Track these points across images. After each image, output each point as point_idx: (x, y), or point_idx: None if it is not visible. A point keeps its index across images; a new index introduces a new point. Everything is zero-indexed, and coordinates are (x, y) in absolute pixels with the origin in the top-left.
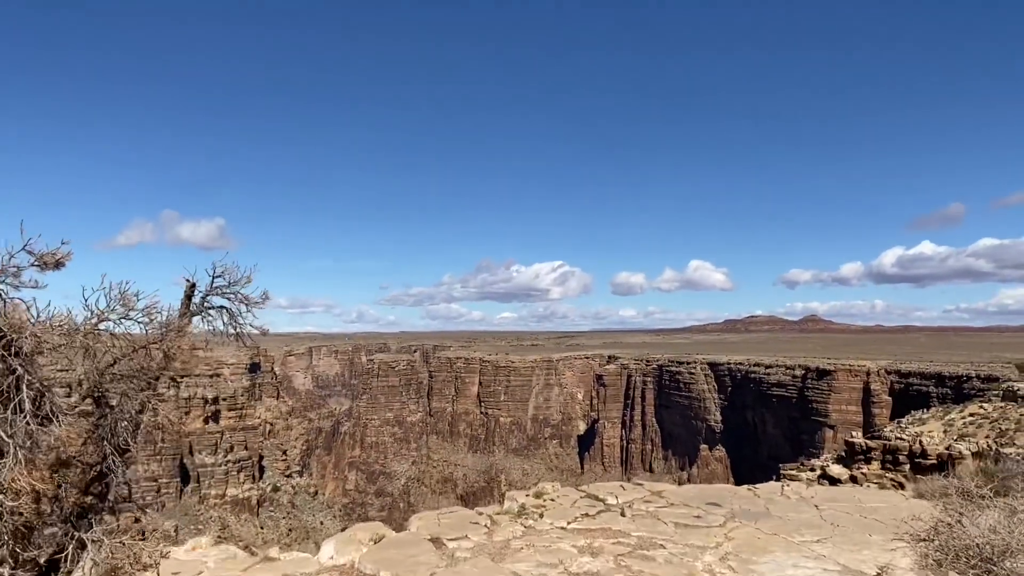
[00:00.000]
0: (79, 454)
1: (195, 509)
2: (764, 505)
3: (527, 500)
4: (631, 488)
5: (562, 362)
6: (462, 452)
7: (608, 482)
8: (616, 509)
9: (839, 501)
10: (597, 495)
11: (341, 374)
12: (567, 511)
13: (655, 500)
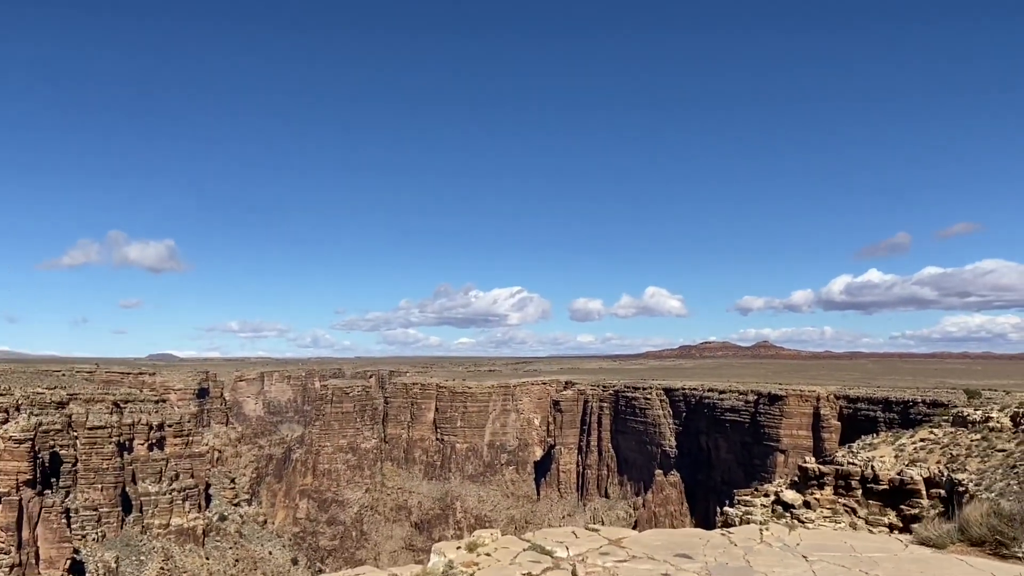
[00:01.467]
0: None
1: (137, 539)
2: (743, 556)
3: (457, 555)
4: (584, 536)
5: (519, 388)
6: (417, 479)
7: (557, 528)
8: (567, 566)
9: (829, 550)
10: (544, 546)
11: (294, 400)
12: (505, 569)
13: (613, 551)
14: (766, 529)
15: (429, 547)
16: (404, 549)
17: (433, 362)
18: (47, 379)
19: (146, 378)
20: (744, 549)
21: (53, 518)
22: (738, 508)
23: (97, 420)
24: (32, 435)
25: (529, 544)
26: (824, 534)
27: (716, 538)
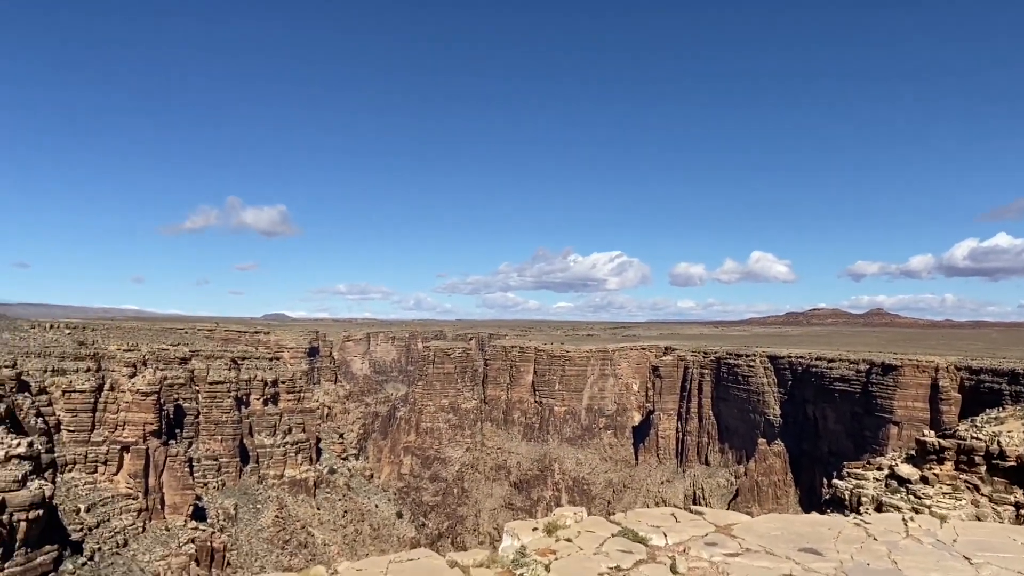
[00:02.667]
0: None
1: (254, 488)
2: (887, 555)
3: (533, 538)
4: (686, 520)
5: (618, 352)
6: (516, 440)
7: (653, 509)
8: (664, 559)
9: (996, 549)
10: (636, 531)
11: (398, 360)
12: (588, 561)
13: (722, 541)
14: (911, 520)
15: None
16: (503, 507)
17: (532, 326)
18: (171, 336)
19: (261, 337)
20: (887, 545)
21: (177, 466)
22: (848, 481)
23: (217, 375)
24: (158, 388)
25: (619, 528)
26: (985, 528)
27: (849, 529)
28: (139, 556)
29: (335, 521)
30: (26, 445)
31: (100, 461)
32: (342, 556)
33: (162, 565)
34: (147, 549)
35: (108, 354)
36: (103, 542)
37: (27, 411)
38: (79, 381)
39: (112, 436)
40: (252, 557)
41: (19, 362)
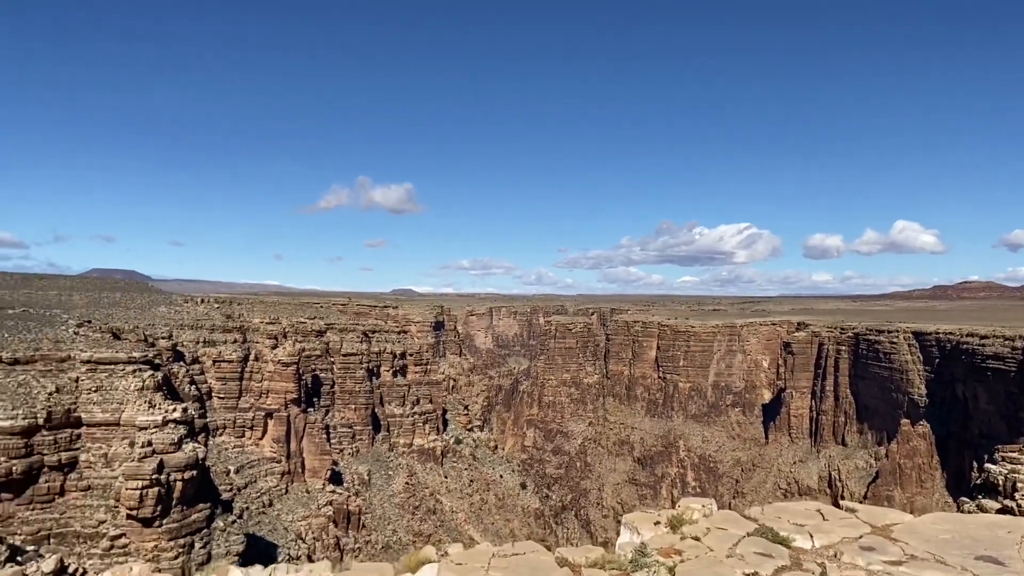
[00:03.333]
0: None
1: (386, 456)
2: None
3: (655, 534)
4: (835, 518)
5: (746, 328)
6: (639, 415)
7: (795, 503)
8: (812, 566)
9: None
10: (776, 530)
11: (520, 334)
12: (719, 565)
13: (880, 545)
14: None
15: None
16: (627, 483)
17: (654, 300)
18: (308, 310)
19: (390, 311)
20: None
21: (315, 433)
22: (1002, 466)
23: (350, 348)
24: (297, 359)
25: (756, 526)
26: None
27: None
28: (283, 516)
29: (462, 489)
30: (181, 410)
31: (247, 426)
32: (469, 524)
33: (303, 525)
34: (290, 509)
35: (252, 326)
36: (250, 502)
37: (182, 379)
38: (227, 352)
39: (257, 403)
40: (385, 521)
41: (174, 334)
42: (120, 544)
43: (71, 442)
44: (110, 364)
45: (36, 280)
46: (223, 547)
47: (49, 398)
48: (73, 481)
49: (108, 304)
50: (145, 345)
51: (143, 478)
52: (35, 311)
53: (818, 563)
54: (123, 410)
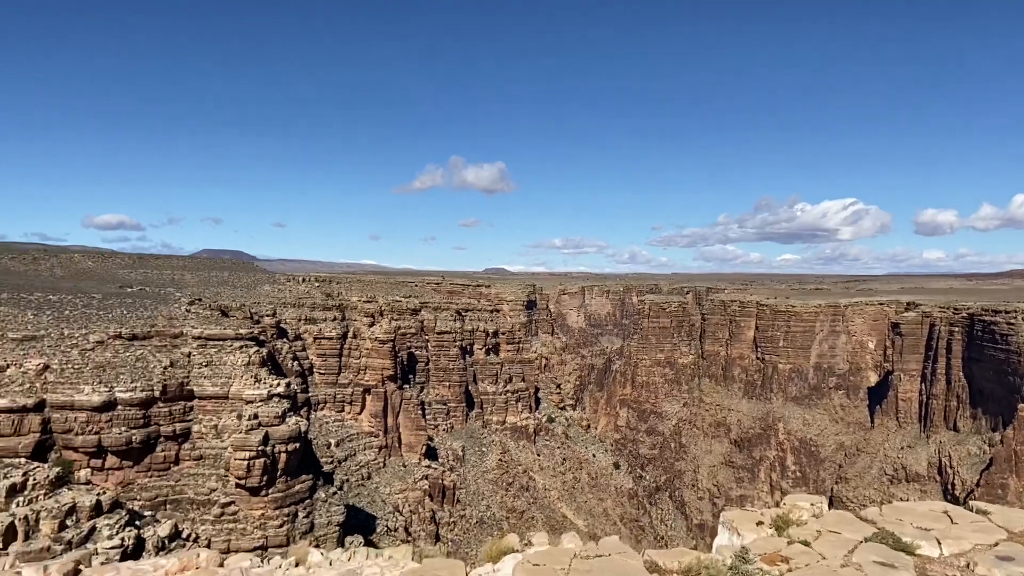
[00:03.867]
0: None
1: (479, 432)
2: None
3: (757, 536)
4: (966, 521)
5: (851, 308)
6: (736, 397)
7: (918, 503)
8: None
9: None
10: (898, 535)
11: (612, 313)
12: (834, 575)
13: (1020, 555)
14: None
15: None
16: (723, 465)
17: (753, 279)
18: (403, 289)
19: (482, 290)
20: None
21: (411, 409)
22: None
23: (444, 326)
24: (393, 337)
25: (873, 529)
26: None
27: None
28: (380, 488)
29: (554, 468)
30: (284, 385)
31: (346, 401)
32: (562, 501)
33: (400, 498)
34: (387, 483)
35: (351, 305)
36: (350, 474)
37: (285, 355)
38: (327, 329)
39: (355, 379)
40: (479, 496)
41: (278, 311)
42: (230, 511)
43: (184, 414)
44: (219, 340)
45: (152, 260)
46: (325, 517)
47: (164, 372)
48: (186, 451)
49: (217, 283)
50: (251, 322)
51: (250, 449)
52: (151, 289)
53: (948, 574)
54: (231, 384)
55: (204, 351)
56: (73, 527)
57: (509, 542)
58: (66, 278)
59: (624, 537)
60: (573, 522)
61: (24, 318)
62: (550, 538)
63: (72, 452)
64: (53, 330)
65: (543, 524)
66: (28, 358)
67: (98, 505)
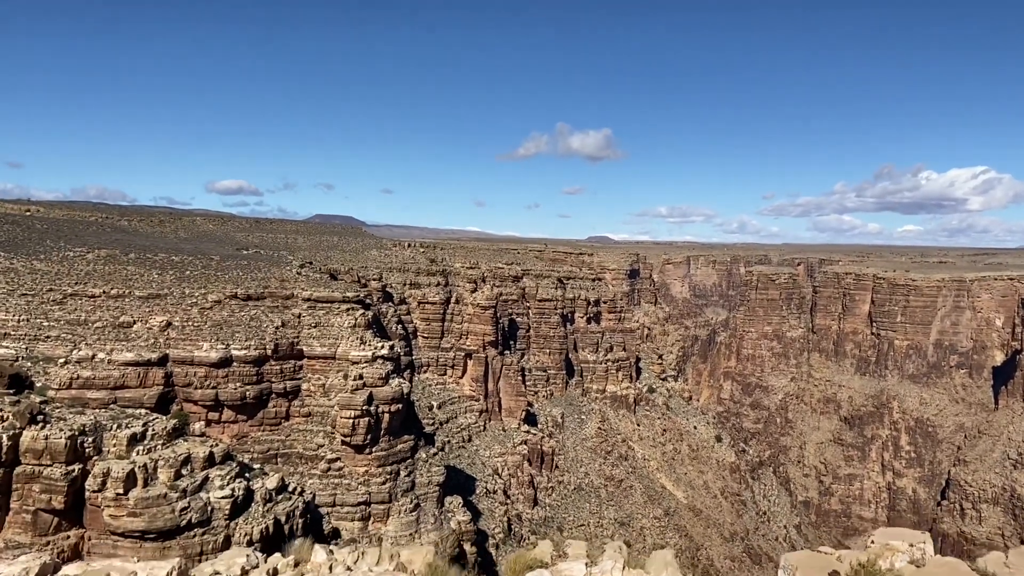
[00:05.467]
0: None
1: (579, 400)
2: None
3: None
4: None
5: (977, 283)
6: (847, 373)
7: None
8: None
9: None
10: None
11: (718, 284)
12: None
13: None
14: None
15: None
16: (832, 442)
17: (870, 251)
18: (506, 256)
19: (585, 258)
20: None
21: (512, 374)
22: None
23: (545, 293)
24: (495, 303)
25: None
26: None
27: None
28: (480, 451)
29: (654, 438)
30: (388, 348)
31: (449, 365)
32: (661, 472)
33: (500, 461)
34: (487, 446)
35: (454, 271)
36: (451, 436)
37: (390, 318)
38: (431, 294)
39: (457, 344)
40: (577, 463)
41: (384, 276)
42: (336, 467)
43: (294, 372)
44: (327, 302)
45: (267, 224)
46: (425, 476)
47: (276, 332)
48: (296, 407)
49: (327, 247)
50: (358, 286)
51: (355, 408)
52: (265, 252)
53: None
54: (338, 345)
55: (313, 312)
56: (188, 476)
57: (538, 555)
58: (188, 240)
59: (725, 511)
60: (672, 493)
61: (149, 277)
62: (588, 548)
63: (192, 405)
64: (175, 289)
65: (641, 493)
66: (152, 315)
67: (211, 456)
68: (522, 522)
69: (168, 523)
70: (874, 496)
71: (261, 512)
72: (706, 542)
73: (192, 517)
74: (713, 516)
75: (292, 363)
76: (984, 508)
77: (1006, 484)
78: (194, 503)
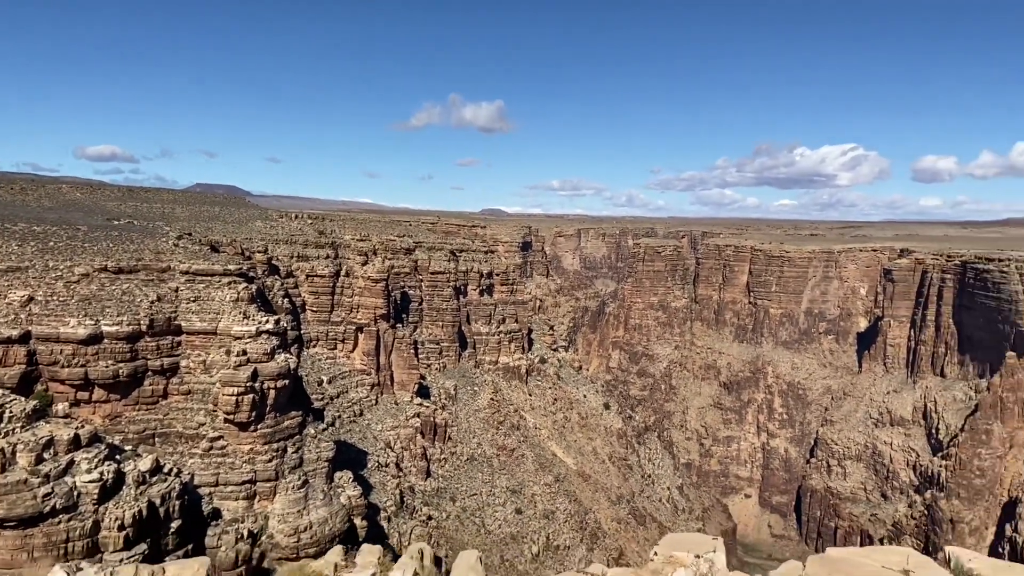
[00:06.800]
0: None
1: (471, 372)
2: None
3: None
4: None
5: (844, 254)
6: (727, 341)
7: (874, 548)
8: None
9: None
10: None
11: (608, 256)
12: None
13: None
14: None
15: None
16: (712, 407)
17: (749, 224)
18: (398, 228)
19: (478, 230)
20: None
21: (404, 348)
22: None
23: (438, 266)
24: (386, 276)
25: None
26: None
27: None
28: (372, 425)
29: (545, 407)
30: (274, 322)
31: (339, 339)
32: (551, 440)
33: (392, 435)
34: (379, 420)
35: (344, 243)
36: (342, 411)
37: (276, 292)
38: (320, 267)
39: (348, 317)
40: (470, 434)
41: (269, 248)
42: (219, 446)
43: (172, 348)
44: (207, 275)
45: (142, 193)
46: (314, 452)
47: (151, 306)
48: (175, 385)
49: (208, 218)
50: (241, 258)
51: (238, 385)
52: (139, 223)
53: None
54: (219, 320)
55: (192, 286)
56: (51, 460)
57: (319, 567)
58: (53, 209)
59: (612, 475)
60: (563, 460)
61: (8, 248)
62: (382, 555)
63: (58, 384)
64: (38, 261)
65: (532, 461)
66: (12, 289)
67: (76, 439)
68: (415, 494)
69: (30, 510)
70: (750, 456)
71: (133, 495)
72: (594, 505)
73: (57, 503)
74: (601, 480)
75: (170, 339)
76: (848, 464)
77: (868, 442)
78: (58, 488)
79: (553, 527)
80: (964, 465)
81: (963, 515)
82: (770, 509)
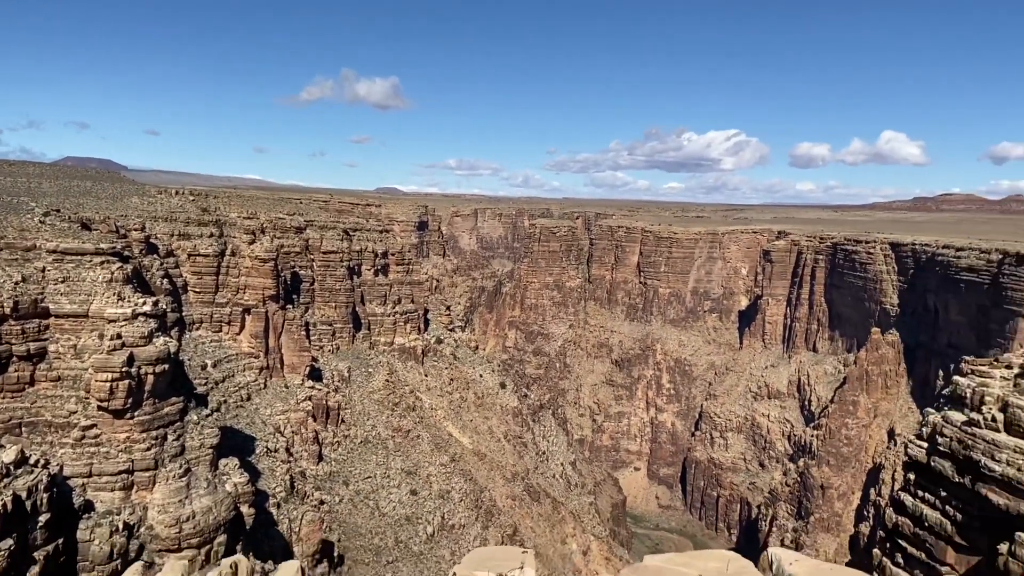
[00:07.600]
0: None
1: (366, 353)
2: None
3: None
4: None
5: (728, 235)
6: (619, 319)
7: (700, 552)
8: None
9: None
10: None
11: (504, 236)
12: None
13: None
14: None
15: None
16: (604, 384)
17: (640, 206)
18: (288, 206)
19: (373, 209)
20: None
21: (294, 330)
22: (971, 379)
23: (330, 245)
24: (275, 256)
25: None
26: None
27: None
28: (261, 410)
29: (441, 388)
30: (152, 304)
31: (224, 321)
32: (448, 420)
33: (282, 419)
34: (268, 404)
35: (229, 221)
36: (228, 396)
37: (154, 272)
38: (203, 246)
39: (234, 299)
40: (364, 416)
41: (147, 226)
42: (92, 435)
43: (39, 332)
44: (77, 255)
45: (5, 166)
46: (197, 439)
47: (15, 288)
48: (43, 371)
49: (79, 193)
50: (116, 236)
51: (112, 370)
52: (1, 198)
53: None
54: (91, 302)
55: (60, 266)
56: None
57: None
58: None
59: (508, 453)
60: (459, 440)
61: None
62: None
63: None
64: None
65: (428, 442)
66: None
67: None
68: (306, 479)
69: None
70: (639, 431)
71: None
72: (490, 484)
73: None
74: (497, 459)
75: (36, 323)
76: (730, 436)
77: (748, 414)
78: None
79: (448, 507)
80: (833, 434)
81: (832, 481)
82: (658, 481)
